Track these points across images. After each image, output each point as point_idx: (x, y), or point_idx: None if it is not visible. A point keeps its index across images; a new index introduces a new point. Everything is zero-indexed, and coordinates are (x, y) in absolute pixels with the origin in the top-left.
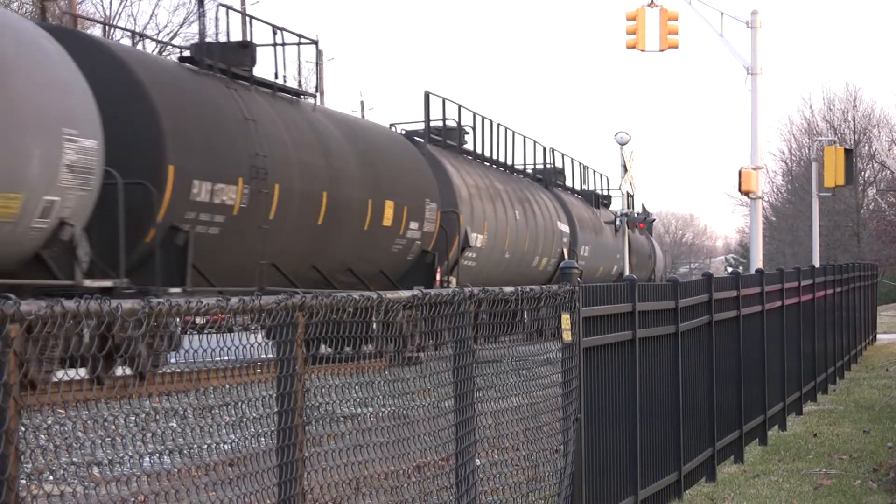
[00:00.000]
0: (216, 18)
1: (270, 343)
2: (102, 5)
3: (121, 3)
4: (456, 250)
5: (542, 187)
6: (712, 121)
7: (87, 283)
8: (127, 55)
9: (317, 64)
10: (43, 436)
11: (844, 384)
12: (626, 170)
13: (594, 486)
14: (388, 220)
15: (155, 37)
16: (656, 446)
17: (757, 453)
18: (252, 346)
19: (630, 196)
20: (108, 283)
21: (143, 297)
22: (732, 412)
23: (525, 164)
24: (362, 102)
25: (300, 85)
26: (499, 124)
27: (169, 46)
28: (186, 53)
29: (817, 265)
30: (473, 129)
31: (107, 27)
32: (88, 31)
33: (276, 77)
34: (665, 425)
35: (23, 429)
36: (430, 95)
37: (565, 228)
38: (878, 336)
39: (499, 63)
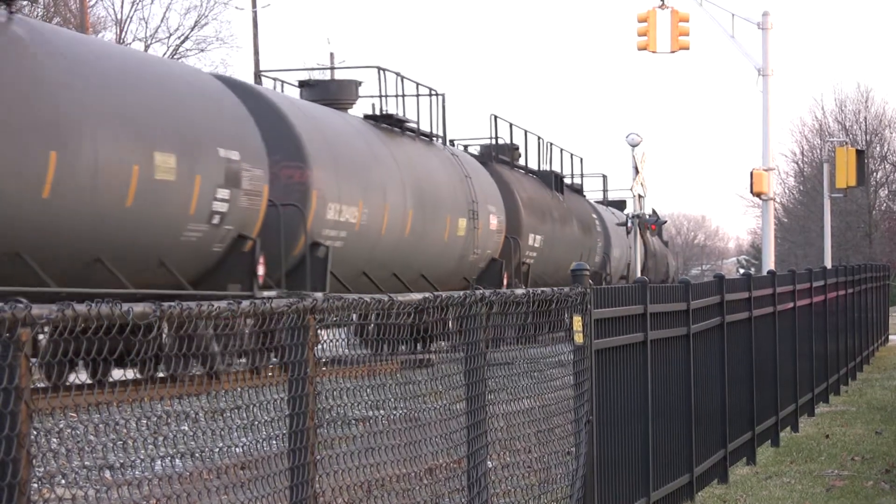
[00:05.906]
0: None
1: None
2: (114, 8)
3: (132, 6)
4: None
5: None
6: (724, 122)
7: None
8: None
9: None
10: (55, 439)
11: (857, 385)
12: (637, 171)
13: (606, 488)
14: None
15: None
16: (668, 448)
17: (769, 455)
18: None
19: (642, 198)
20: (273, 293)
21: (154, 302)
22: (744, 414)
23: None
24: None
25: None
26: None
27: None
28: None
29: (829, 266)
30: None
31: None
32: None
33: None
34: (677, 427)
35: (34, 432)
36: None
37: (600, 240)
38: (891, 337)
39: (510, 64)
